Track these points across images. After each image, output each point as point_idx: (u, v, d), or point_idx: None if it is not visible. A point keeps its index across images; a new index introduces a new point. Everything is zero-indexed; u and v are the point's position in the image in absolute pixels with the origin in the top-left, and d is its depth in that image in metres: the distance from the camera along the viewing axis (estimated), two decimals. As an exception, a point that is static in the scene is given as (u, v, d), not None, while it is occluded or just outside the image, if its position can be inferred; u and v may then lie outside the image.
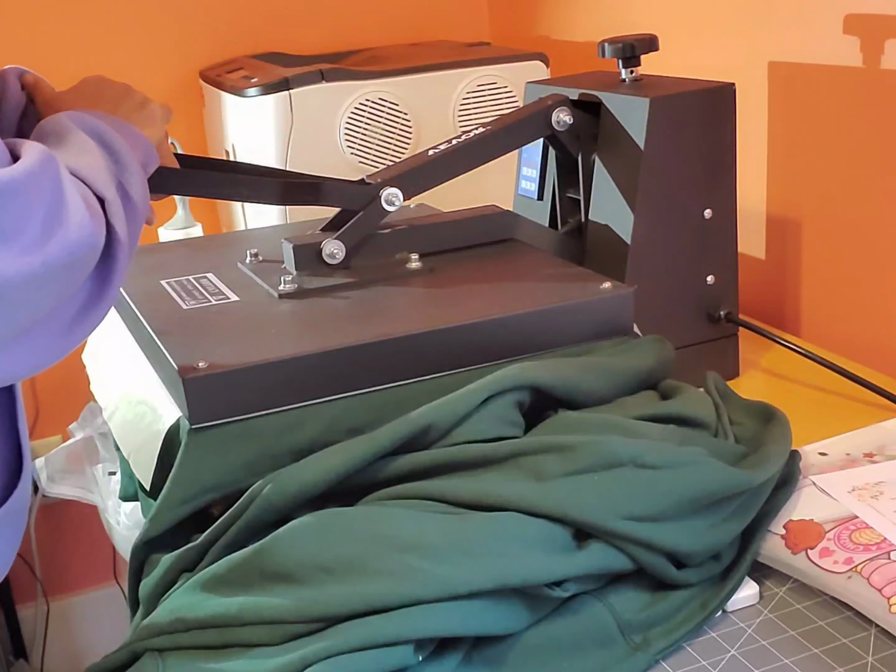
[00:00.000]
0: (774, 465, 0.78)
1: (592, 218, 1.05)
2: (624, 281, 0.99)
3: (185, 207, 1.48)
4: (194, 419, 0.77)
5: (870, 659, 0.67)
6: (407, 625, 0.64)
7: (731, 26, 1.27)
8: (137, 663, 0.67)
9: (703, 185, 1.02)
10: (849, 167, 1.14)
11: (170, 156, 0.87)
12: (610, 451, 0.74)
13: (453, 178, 1.02)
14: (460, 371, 0.85)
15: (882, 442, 0.89)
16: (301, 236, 1.00)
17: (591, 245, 1.05)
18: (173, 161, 0.88)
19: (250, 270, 1.00)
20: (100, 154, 0.68)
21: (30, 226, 0.58)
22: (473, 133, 1.04)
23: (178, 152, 0.95)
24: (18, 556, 1.86)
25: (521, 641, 0.68)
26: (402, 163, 1.04)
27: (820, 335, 1.23)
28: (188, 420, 0.77)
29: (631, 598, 0.72)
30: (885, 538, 0.73)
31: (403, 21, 1.78)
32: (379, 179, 0.99)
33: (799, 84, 1.18)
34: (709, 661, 0.68)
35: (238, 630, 0.66)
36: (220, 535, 0.74)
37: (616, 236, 1.01)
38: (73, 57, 1.62)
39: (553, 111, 1.03)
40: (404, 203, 0.99)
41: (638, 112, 0.98)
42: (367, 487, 0.76)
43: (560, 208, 1.12)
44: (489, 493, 0.72)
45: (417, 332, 0.84)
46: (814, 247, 1.22)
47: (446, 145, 1.03)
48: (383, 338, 0.82)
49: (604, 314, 0.90)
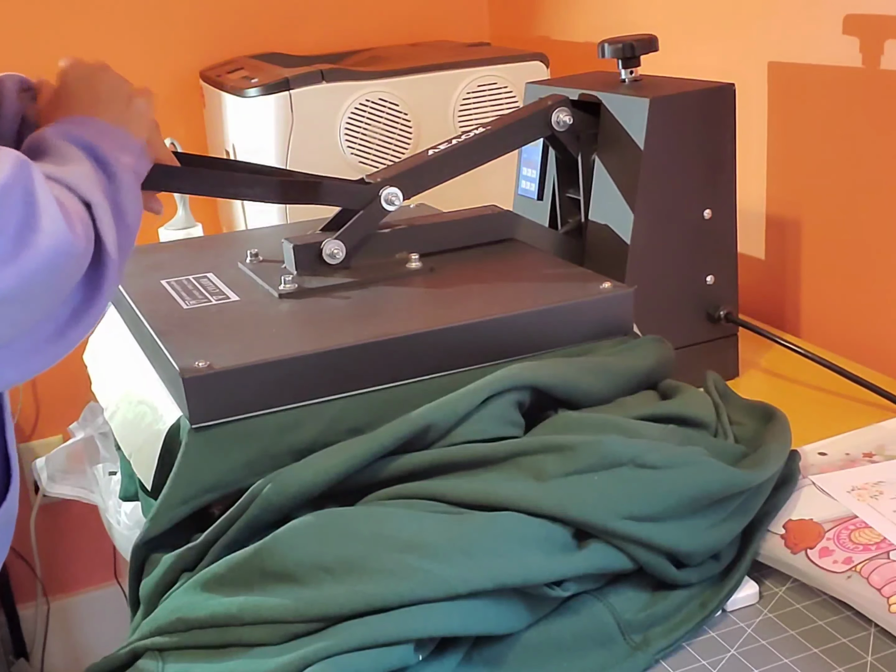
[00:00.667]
0: (774, 464, 0.79)
1: (592, 218, 1.05)
2: (624, 281, 0.99)
3: (186, 207, 1.48)
4: (195, 419, 0.77)
5: (869, 658, 0.67)
6: (407, 625, 0.64)
7: (731, 26, 1.27)
8: (137, 663, 0.68)
9: (703, 185, 1.02)
10: (849, 167, 1.14)
11: (163, 147, 0.85)
12: (610, 451, 0.74)
13: (453, 177, 1.02)
14: (460, 371, 0.85)
15: (882, 442, 0.89)
16: (301, 236, 1.00)
17: (590, 245, 1.05)
18: (168, 154, 0.87)
19: (251, 270, 1.00)
20: (87, 162, 0.67)
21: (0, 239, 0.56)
22: (473, 133, 1.04)
23: (178, 151, 0.95)
24: (19, 556, 1.86)
25: (521, 641, 0.68)
26: (402, 162, 1.04)
27: (820, 335, 1.23)
28: (188, 420, 0.77)
29: (631, 597, 0.72)
30: (885, 538, 0.73)
31: (403, 21, 1.78)
32: (379, 179, 0.99)
33: (799, 84, 1.18)
34: (709, 660, 0.68)
35: (238, 630, 0.66)
36: (220, 535, 0.74)
37: (616, 236, 1.01)
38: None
39: (553, 111, 1.03)
40: (404, 203, 0.99)
41: (638, 112, 0.98)
42: (367, 487, 0.76)
43: (560, 208, 1.13)
44: (489, 493, 0.72)
45: (417, 331, 0.84)
46: (814, 247, 1.22)
47: (446, 145, 1.03)
48: (383, 338, 0.82)
49: (604, 314, 0.90)
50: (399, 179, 0.99)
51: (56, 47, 1.62)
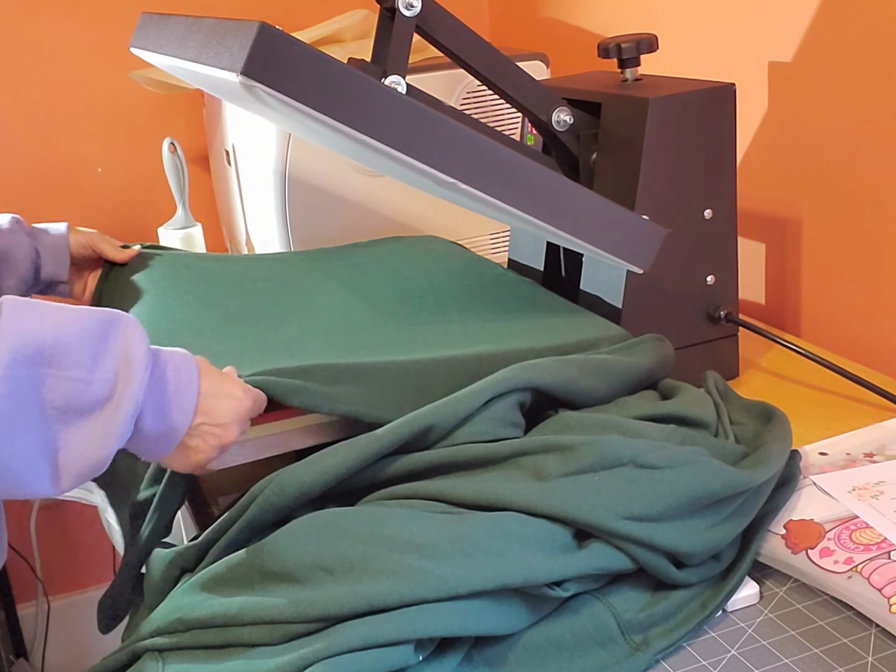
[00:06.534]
0: (775, 464, 0.78)
1: (592, 218, 1.05)
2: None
3: (185, 207, 1.48)
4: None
5: (870, 659, 0.67)
6: (407, 625, 0.64)
7: (731, 26, 1.27)
8: (137, 663, 0.67)
9: (703, 185, 1.02)
10: (848, 167, 1.14)
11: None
12: (610, 451, 0.74)
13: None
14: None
15: (882, 442, 0.89)
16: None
17: (591, 245, 1.06)
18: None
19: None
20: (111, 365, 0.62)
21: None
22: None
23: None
24: (19, 555, 1.86)
25: (521, 641, 0.68)
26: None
27: (820, 335, 1.23)
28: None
29: (631, 597, 0.72)
30: (886, 538, 0.73)
31: (403, 21, 1.77)
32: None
33: (799, 84, 1.18)
34: (709, 661, 0.68)
35: (238, 630, 0.66)
36: (220, 535, 0.74)
37: (616, 236, 1.01)
38: (74, 57, 1.63)
39: (553, 111, 1.03)
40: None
41: (638, 112, 0.98)
42: (367, 487, 0.76)
43: (560, 208, 1.13)
44: (489, 492, 0.72)
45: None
46: (814, 247, 1.22)
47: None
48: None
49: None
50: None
51: (56, 47, 1.62)
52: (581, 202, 0.86)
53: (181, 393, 0.67)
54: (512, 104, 1.04)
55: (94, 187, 1.70)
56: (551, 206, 0.85)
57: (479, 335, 0.92)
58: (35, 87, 1.62)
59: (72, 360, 0.61)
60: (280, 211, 1.39)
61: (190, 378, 0.68)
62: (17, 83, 1.61)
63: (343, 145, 0.87)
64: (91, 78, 1.64)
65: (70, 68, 1.64)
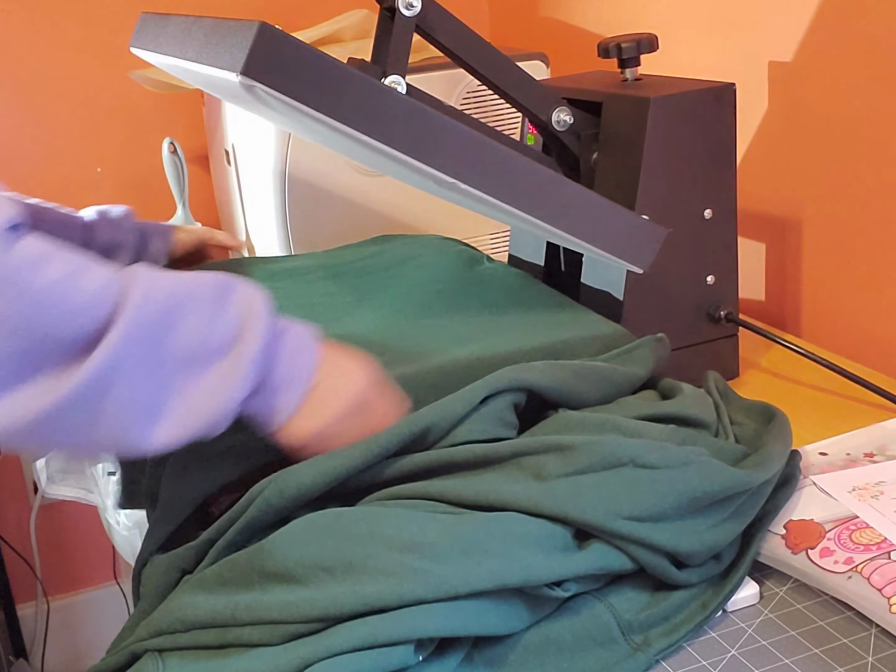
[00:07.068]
0: (775, 465, 0.78)
1: (592, 218, 1.05)
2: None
3: (185, 207, 1.48)
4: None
5: (870, 659, 0.67)
6: (407, 625, 0.63)
7: (731, 26, 1.27)
8: (137, 664, 0.67)
9: (703, 185, 1.02)
10: (848, 167, 1.14)
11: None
12: (610, 451, 0.74)
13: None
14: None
15: (882, 442, 0.89)
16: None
17: (591, 245, 1.05)
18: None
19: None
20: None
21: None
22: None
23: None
24: (18, 555, 1.86)
25: (521, 641, 0.68)
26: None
27: (820, 335, 1.23)
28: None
29: (631, 598, 0.72)
30: (886, 538, 0.73)
31: (403, 21, 1.77)
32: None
33: (799, 84, 1.18)
34: (709, 661, 0.68)
35: (238, 630, 0.66)
36: (220, 535, 0.74)
37: (616, 236, 1.01)
38: (74, 57, 1.63)
39: (553, 111, 1.03)
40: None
41: (639, 112, 0.98)
42: (367, 488, 0.76)
43: (560, 208, 1.12)
44: (489, 493, 0.72)
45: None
46: (814, 247, 1.22)
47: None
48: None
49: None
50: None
51: (57, 47, 1.62)
52: (581, 202, 0.86)
53: (301, 349, 0.70)
54: (512, 104, 1.04)
55: (94, 187, 1.70)
56: (551, 206, 0.84)
57: (465, 335, 0.92)
58: (35, 87, 1.62)
59: (197, 311, 0.64)
60: (280, 211, 1.39)
61: (308, 338, 0.72)
62: (17, 83, 1.61)
63: (343, 145, 0.88)
64: (91, 78, 1.64)
65: (70, 68, 1.63)
